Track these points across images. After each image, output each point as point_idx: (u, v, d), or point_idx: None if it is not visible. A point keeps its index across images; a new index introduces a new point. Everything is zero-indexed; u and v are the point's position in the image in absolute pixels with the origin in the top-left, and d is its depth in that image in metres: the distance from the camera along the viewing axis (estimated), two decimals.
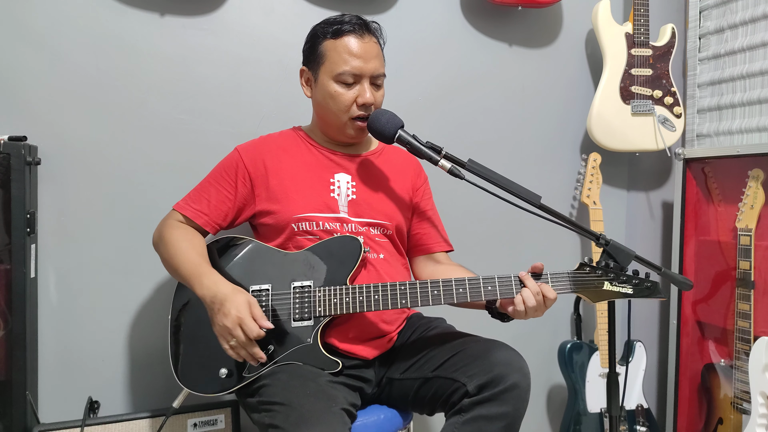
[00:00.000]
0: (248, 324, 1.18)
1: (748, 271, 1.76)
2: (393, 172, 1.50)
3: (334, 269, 1.31)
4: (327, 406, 1.14)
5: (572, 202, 2.22)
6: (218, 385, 1.29)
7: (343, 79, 1.36)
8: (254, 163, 1.41)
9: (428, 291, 1.26)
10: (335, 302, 1.27)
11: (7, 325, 1.50)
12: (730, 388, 1.84)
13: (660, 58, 2.05)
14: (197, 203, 1.39)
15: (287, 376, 1.22)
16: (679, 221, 2.02)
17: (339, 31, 1.36)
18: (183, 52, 1.74)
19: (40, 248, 1.63)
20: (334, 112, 1.39)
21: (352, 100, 1.37)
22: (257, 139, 1.49)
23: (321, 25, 1.40)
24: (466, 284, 1.27)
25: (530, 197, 1.32)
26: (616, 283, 1.26)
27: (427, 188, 1.58)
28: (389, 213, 1.45)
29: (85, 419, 1.56)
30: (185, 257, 1.30)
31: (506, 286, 1.27)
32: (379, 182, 1.47)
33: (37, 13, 1.61)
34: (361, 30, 1.37)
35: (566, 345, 2.05)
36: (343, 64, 1.35)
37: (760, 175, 1.76)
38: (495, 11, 2.05)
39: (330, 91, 1.37)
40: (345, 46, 1.35)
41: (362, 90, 1.37)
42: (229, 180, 1.40)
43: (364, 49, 1.36)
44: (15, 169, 1.48)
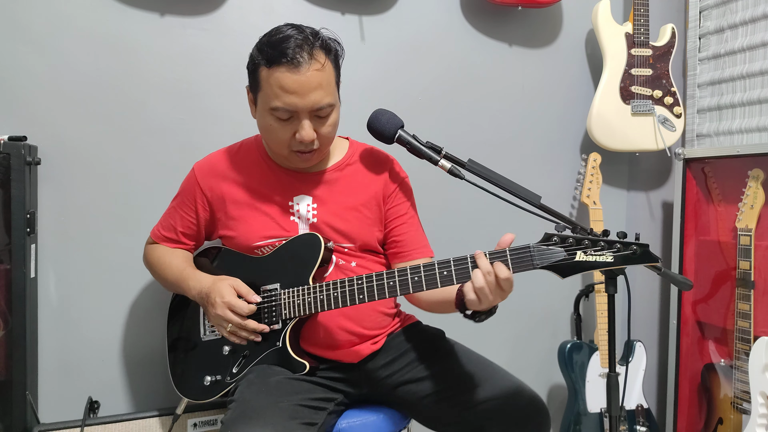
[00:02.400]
0: (236, 304, 1.22)
1: (748, 271, 1.76)
2: (359, 184, 1.38)
3: (299, 270, 1.27)
4: (274, 401, 1.14)
5: (572, 202, 2.22)
6: (206, 392, 1.35)
7: (278, 115, 1.21)
8: (211, 187, 1.35)
9: (384, 282, 1.18)
10: (298, 303, 1.25)
11: (7, 325, 1.50)
12: (730, 388, 1.84)
13: (660, 58, 2.05)
14: (167, 230, 1.43)
15: (255, 375, 1.25)
16: (679, 221, 2.01)
17: (272, 58, 1.18)
18: (183, 52, 1.74)
19: (40, 248, 1.63)
20: (273, 143, 1.28)
21: (289, 136, 1.24)
22: (215, 154, 1.41)
23: (259, 45, 1.23)
24: (421, 271, 1.15)
25: (530, 197, 1.32)
26: (592, 252, 1.06)
27: (401, 191, 1.43)
28: (353, 234, 1.35)
29: (85, 419, 1.56)
30: (169, 269, 1.38)
31: (463, 268, 1.13)
32: (343, 199, 1.36)
33: (37, 13, 1.61)
34: (298, 57, 1.16)
35: (566, 345, 2.05)
36: (275, 99, 1.19)
37: (760, 175, 1.76)
38: (495, 11, 2.05)
39: (266, 124, 1.25)
40: (276, 79, 1.18)
41: (299, 126, 1.22)
42: (190, 205, 1.38)
43: (300, 83, 1.17)
44: (15, 169, 1.48)
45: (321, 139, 1.26)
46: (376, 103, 1.56)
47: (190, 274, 1.33)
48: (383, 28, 1.92)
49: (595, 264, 1.07)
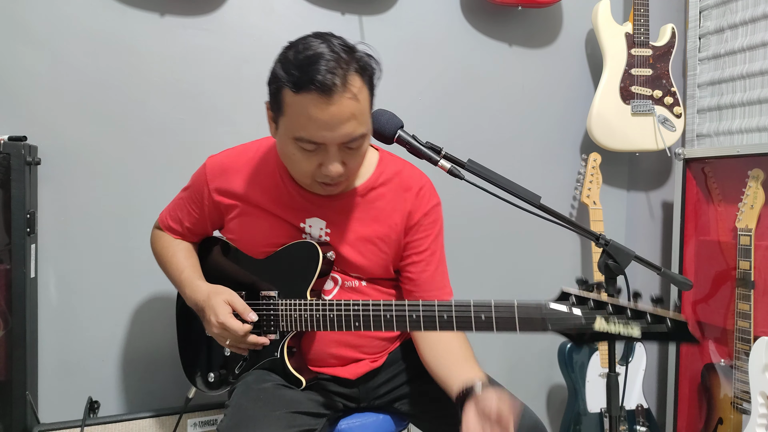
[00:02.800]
0: (231, 325, 1.15)
1: (748, 271, 1.76)
2: (381, 213, 1.24)
3: (296, 279, 1.20)
4: (271, 409, 1.12)
5: (572, 202, 2.22)
6: (211, 387, 1.34)
7: (303, 145, 1.06)
8: (219, 189, 1.26)
9: (381, 314, 1.09)
10: (295, 317, 1.19)
11: (7, 325, 1.50)
12: (730, 388, 1.84)
13: (660, 58, 2.05)
14: (173, 221, 1.36)
15: (252, 380, 1.23)
16: (679, 221, 2.01)
17: (300, 82, 1.00)
18: (183, 52, 1.74)
19: (40, 248, 1.63)
20: (293, 171, 1.16)
21: (313, 167, 1.09)
22: (232, 154, 1.29)
23: (283, 62, 1.06)
24: (420, 310, 1.06)
25: (530, 197, 1.31)
26: (615, 319, 0.88)
27: (426, 224, 1.27)
28: (366, 268, 1.25)
29: (85, 419, 1.56)
30: (170, 265, 1.34)
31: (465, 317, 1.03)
32: (360, 229, 1.23)
33: (37, 13, 1.61)
34: (330, 84, 0.99)
35: (566, 345, 2.05)
36: (301, 130, 1.04)
37: (760, 175, 1.76)
38: (495, 11, 2.05)
39: (288, 152, 1.10)
40: (304, 108, 1.01)
41: (326, 158, 1.07)
42: (197, 202, 1.30)
43: (331, 114, 1.01)
44: (15, 169, 1.48)
45: (348, 171, 1.12)
46: (376, 103, 1.56)
47: (187, 280, 1.27)
48: (383, 28, 1.92)
49: (619, 336, 0.89)
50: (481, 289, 2.07)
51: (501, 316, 0.99)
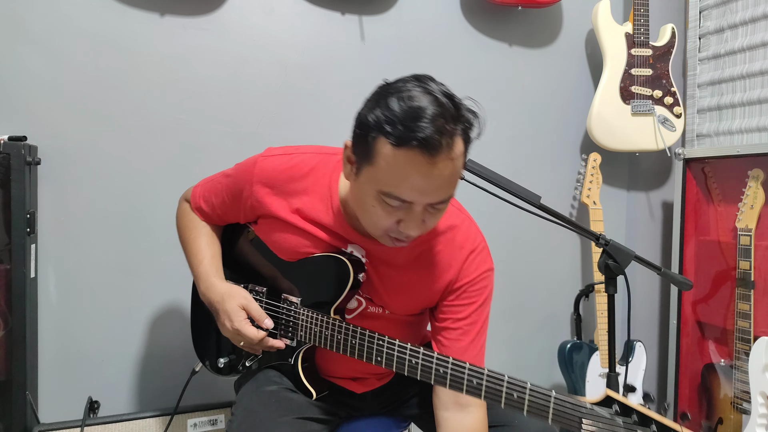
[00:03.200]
0: (247, 332, 1.12)
1: (748, 271, 1.76)
2: (427, 267, 1.16)
3: (322, 292, 1.15)
4: (279, 415, 1.11)
5: (572, 202, 2.22)
6: (221, 371, 1.31)
7: (387, 201, 0.97)
8: (263, 201, 1.17)
9: (406, 359, 1.04)
10: (316, 332, 1.14)
11: (7, 325, 1.50)
12: (730, 388, 1.84)
13: (660, 58, 2.05)
14: (205, 203, 1.28)
15: (263, 379, 1.21)
16: (679, 221, 2.01)
17: (403, 139, 0.90)
18: (183, 52, 1.74)
19: (40, 248, 1.63)
20: (365, 220, 1.05)
21: (391, 222, 1.00)
22: (283, 164, 1.16)
23: (384, 110, 0.93)
24: (449, 367, 1.00)
25: (530, 197, 1.31)
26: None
27: (470, 291, 1.17)
28: (392, 306, 1.19)
29: (85, 419, 1.56)
30: (189, 252, 1.29)
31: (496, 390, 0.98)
32: (398, 273, 1.16)
33: (37, 13, 1.61)
34: (438, 145, 0.90)
35: (566, 345, 2.05)
36: (391, 187, 0.95)
37: (760, 175, 1.76)
38: (495, 11, 2.05)
39: (366, 203, 1.00)
40: (402, 166, 0.92)
41: (408, 216, 0.98)
42: (236, 197, 1.22)
43: (431, 177, 0.93)
44: (15, 169, 1.48)
45: (425, 229, 1.03)
46: None
47: (203, 275, 1.22)
48: (383, 28, 1.92)
49: None
50: None
51: (535, 400, 0.94)
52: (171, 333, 1.76)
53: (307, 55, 1.85)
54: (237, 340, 1.17)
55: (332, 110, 1.88)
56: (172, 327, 1.76)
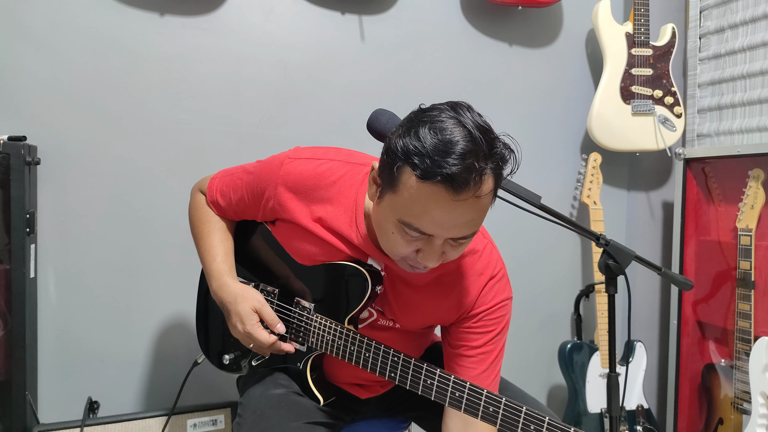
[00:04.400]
0: (258, 336, 1.12)
1: (749, 271, 1.76)
2: (442, 288, 1.13)
3: (337, 301, 1.14)
4: (292, 419, 1.11)
5: (572, 202, 2.22)
6: (224, 366, 1.30)
7: (408, 231, 0.93)
8: (287, 203, 1.13)
9: (420, 378, 1.03)
10: (328, 340, 1.13)
11: (7, 325, 1.50)
12: (731, 388, 1.83)
13: (660, 57, 2.05)
14: (222, 197, 1.24)
15: (271, 382, 1.20)
16: (680, 221, 2.01)
17: (429, 173, 0.86)
18: (183, 52, 1.74)
19: (40, 248, 1.63)
20: (384, 246, 1.02)
21: (410, 251, 0.97)
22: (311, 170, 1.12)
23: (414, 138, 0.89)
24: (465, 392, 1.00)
25: (530, 197, 1.31)
26: None
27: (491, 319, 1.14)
28: (404, 323, 1.17)
29: (84, 419, 1.56)
30: (201, 246, 1.25)
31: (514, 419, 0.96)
32: (414, 294, 1.14)
33: (37, 13, 1.61)
34: (464, 183, 0.86)
35: (566, 345, 2.05)
36: (413, 218, 0.91)
37: (760, 175, 1.76)
38: (495, 11, 2.05)
39: (386, 228, 0.97)
40: (425, 199, 0.88)
41: (428, 249, 0.95)
42: (257, 196, 1.18)
43: (454, 214, 0.89)
44: (15, 169, 1.48)
45: (445, 260, 0.99)
46: (376, 103, 1.56)
47: (216, 273, 1.19)
48: (383, 28, 1.92)
49: None
50: None
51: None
52: (171, 333, 1.76)
53: (307, 55, 1.85)
54: (247, 342, 1.16)
55: (332, 110, 1.88)
56: (172, 327, 1.76)
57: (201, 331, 1.36)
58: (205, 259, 1.25)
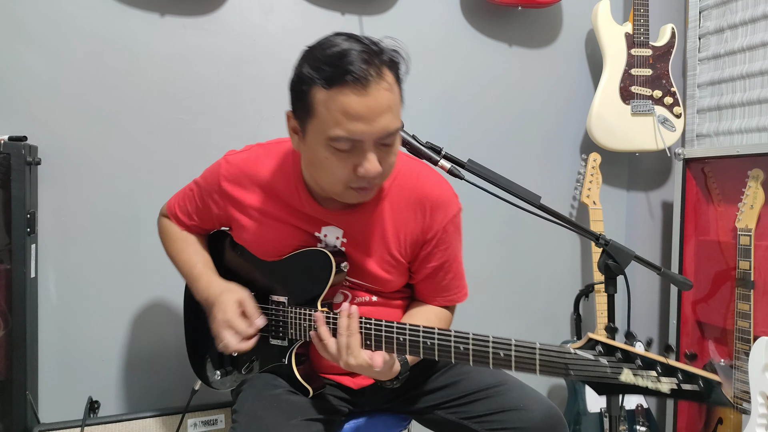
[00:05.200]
0: (237, 325, 1.14)
1: (748, 271, 1.76)
2: (395, 223, 1.20)
3: (308, 287, 1.17)
4: (287, 418, 1.11)
5: (572, 202, 2.22)
6: (217, 384, 1.33)
7: (337, 145, 1.00)
8: (233, 196, 1.22)
9: (393, 337, 1.05)
10: (305, 327, 1.16)
11: (7, 325, 1.50)
12: (730, 388, 1.84)
13: (660, 58, 2.05)
14: (182, 212, 1.34)
15: (261, 385, 1.21)
16: (679, 221, 2.02)
17: (332, 78, 0.96)
18: (183, 52, 1.74)
19: (40, 248, 1.63)
20: (325, 180, 1.08)
21: (349, 171, 1.03)
22: (251, 158, 1.23)
23: (310, 61, 1.00)
24: (435, 338, 1.02)
25: (530, 197, 1.31)
26: (644, 374, 0.84)
27: (444, 236, 1.22)
28: (381, 278, 1.22)
29: (85, 419, 1.56)
30: (181, 258, 1.32)
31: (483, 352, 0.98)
32: (376, 239, 1.19)
33: (37, 13, 1.61)
34: (366, 75, 0.96)
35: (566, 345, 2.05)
36: (336, 127, 0.98)
37: (759, 175, 1.76)
38: (495, 11, 2.05)
39: (318, 158, 1.04)
40: (340, 102, 0.97)
41: (363, 158, 1.01)
42: (207, 200, 1.27)
43: (369, 107, 0.97)
44: (15, 169, 1.48)
45: (384, 172, 1.05)
46: None
47: (201, 275, 1.26)
48: (383, 28, 1.92)
49: (646, 390, 0.84)
50: (482, 289, 2.07)
51: (521, 355, 0.95)
52: (171, 333, 1.75)
53: None
54: (220, 336, 1.16)
55: None
56: (172, 327, 1.75)
57: (193, 357, 1.39)
58: (185, 270, 1.31)
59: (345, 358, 1.04)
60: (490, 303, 2.10)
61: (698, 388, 0.80)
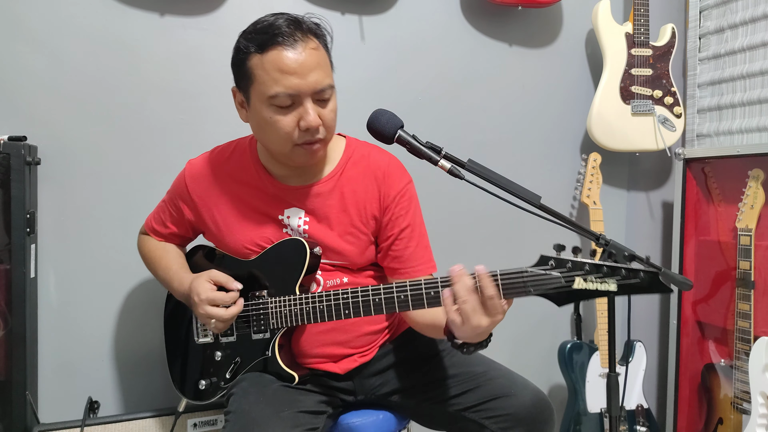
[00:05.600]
0: (216, 297, 1.20)
1: (748, 271, 1.76)
2: (355, 195, 1.29)
3: (285, 276, 1.23)
4: (275, 411, 1.13)
5: (572, 202, 2.22)
6: (203, 395, 1.34)
7: (278, 103, 1.12)
8: (199, 192, 1.32)
9: (369, 299, 1.13)
10: (285, 313, 1.22)
11: (7, 325, 1.50)
12: (730, 388, 1.84)
13: (660, 58, 2.05)
14: (157, 223, 1.43)
15: (248, 384, 1.23)
16: (679, 221, 2.01)
17: (264, 42, 1.11)
18: (183, 52, 1.74)
19: (40, 248, 1.63)
20: (273, 141, 1.18)
21: (292, 126, 1.14)
22: (211, 156, 1.35)
23: (244, 34, 1.16)
24: (407, 289, 1.09)
25: (530, 197, 1.31)
26: (593, 278, 0.94)
27: (401, 201, 1.31)
28: (348, 254, 1.29)
29: (85, 419, 1.56)
30: (159, 266, 1.39)
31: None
32: (338, 214, 1.28)
33: (37, 13, 1.61)
34: (293, 36, 1.11)
35: (566, 345, 2.05)
36: (274, 85, 1.11)
37: (760, 175, 1.76)
38: (495, 11, 2.05)
39: (264, 119, 1.15)
40: (273, 61, 1.10)
41: (303, 111, 1.13)
42: (177, 206, 1.36)
43: (299, 62, 1.10)
44: (15, 169, 1.48)
45: (325, 126, 1.17)
46: (376, 103, 1.56)
47: (174, 276, 1.32)
48: (383, 28, 1.92)
49: (596, 293, 0.94)
50: None
51: None
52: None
53: None
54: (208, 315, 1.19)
55: None
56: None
57: (176, 376, 1.41)
58: (162, 275, 1.37)
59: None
60: None
61: (639, 280, 0.91)
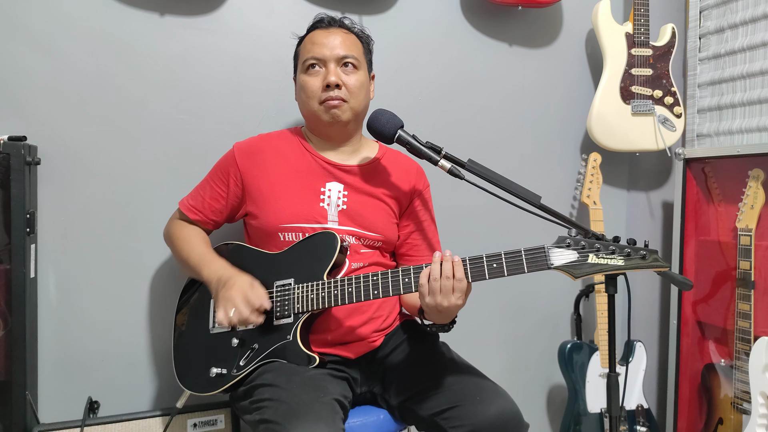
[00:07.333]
0: (251, 296, 1.25)
1: (748, 271, 1.76)
2: (390, 180, 1.48)
3: (314, 266, 1.30)
4: (315, 396, 1.14)
5: (572, 202, 2.22)
6: (210, 385, 1.33)
7: (309, 66, 1.40)
8: (247, 163, 1.42)
9: (399, 279, 1.23)
10: (312, 297, 1.27)
11: (7, 325, 1.50)
12: (731, 388, 1.84)
13: (660, 57, 2.05)
14: (194, 200, 1.48)
15: (273, 375, 1.23)
16: (679, 221, 2.01)
17: (309, 28, 1.46)
18: (183, 52, 1.74)
19: (40, 248, 1.63)
20: (305, 102, 1.41)
21: (319, 85, 1.38)
22: (256, 137, 1.51)
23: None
24: None
25: (530, 197, 1.31)
26: (603, 255, 1.15)
27: (425, 198, 1.54)
28: (380, 227, 1.43)
29: (85, 419, 1.56)
30: (192, 248, 1.41)
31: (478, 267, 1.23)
32: (373, 193, 1.45)
33: (37, 13, 1.61)
34: (328, 24, 1.44)
35: (566, 345, 2.05)
36: (306, 54, 1.41)
37: (760, 175, 1.76)
38: (495, 11, 2.05)
39: (302, 83, 1.41)
40: (309, 39, 1.43)
41: (328, 71, 1.38)
42: (223, 178, 1.44)
43: (330, 38, 1.40)
44: (15, 169, 1.48)
45: (348, 90, 1.39)
46: (376, 103, 1.56)
47: (214, 259, 1.38)
48: (383, 28, 1.92)
49: (607, 266, 1.14)
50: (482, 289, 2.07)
51: (511, 261, 1.19)
52: (171, 333, 1.75)
53: None
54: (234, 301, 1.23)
55: None
56: (172, 327, 1.75)
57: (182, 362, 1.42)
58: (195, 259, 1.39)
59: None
60: (490, 303, 2.10)
61: (641, 257, 1.13)
